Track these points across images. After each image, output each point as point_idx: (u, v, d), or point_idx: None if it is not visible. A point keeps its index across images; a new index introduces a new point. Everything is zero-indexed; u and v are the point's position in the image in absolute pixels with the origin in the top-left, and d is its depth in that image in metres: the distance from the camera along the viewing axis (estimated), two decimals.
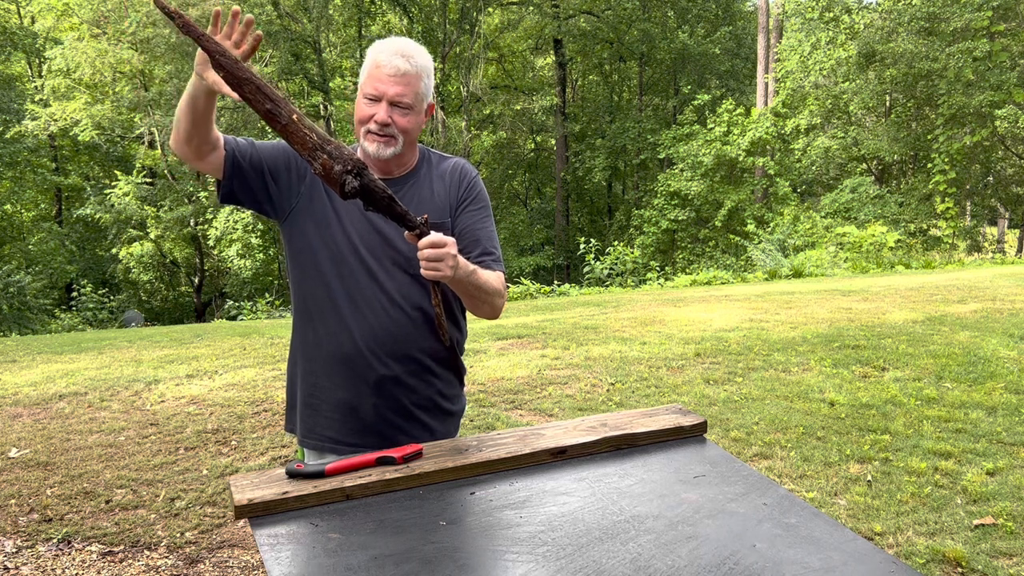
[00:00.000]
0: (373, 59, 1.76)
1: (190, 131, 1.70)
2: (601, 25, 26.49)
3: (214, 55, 1.40)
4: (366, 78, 1.77)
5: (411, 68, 1.75)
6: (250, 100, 1.43)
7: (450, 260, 1.59)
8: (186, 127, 1.69)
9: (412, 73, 1.75)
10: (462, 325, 1.98)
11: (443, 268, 1.59)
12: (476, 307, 1.81)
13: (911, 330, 6.57)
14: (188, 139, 1.71)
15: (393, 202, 1.51)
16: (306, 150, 1.45)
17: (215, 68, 1.42)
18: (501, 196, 29.45)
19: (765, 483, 1.51)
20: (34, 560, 3.11)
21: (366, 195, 1.49)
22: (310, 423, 1.90)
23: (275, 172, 1.84)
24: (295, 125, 1.43)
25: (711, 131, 22.17)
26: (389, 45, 1.77)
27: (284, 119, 1.43)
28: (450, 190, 1.88)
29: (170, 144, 1.79)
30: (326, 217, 1.83)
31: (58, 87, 20.73)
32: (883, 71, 19.40)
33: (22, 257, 21.13)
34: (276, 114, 1.43)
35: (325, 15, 21.52)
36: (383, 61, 1.74)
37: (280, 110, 1.43)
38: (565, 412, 4.71)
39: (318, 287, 1.84)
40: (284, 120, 1.43)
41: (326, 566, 1.22)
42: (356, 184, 1.46)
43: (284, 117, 1.43)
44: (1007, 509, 3.26)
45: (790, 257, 15.42)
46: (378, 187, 1.49)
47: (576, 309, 8.95)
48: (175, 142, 1.75)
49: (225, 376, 5.83)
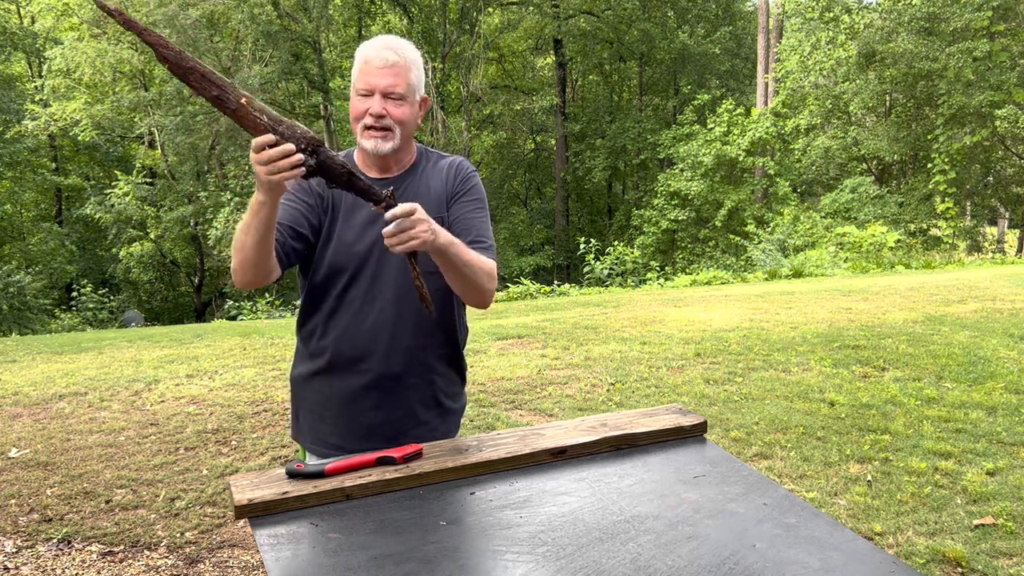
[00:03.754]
0: (362, 57, 1.78)
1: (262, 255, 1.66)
2: (601, 25, 26.49)
3: (157, 47, 1.39)
4: (357, 75, 1.78)
5: (400, 59, 1.76)
6: (197, 88, 1.43)
7: (423, 225, 1.52)
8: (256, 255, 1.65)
9: (401, 64, 1.76)
10: (462, 323, 1.98)
11: (418, 235, 1.51)
12: (464, 288, 1.75)
13: (911, 330, 6.57)
14: (258, 265, 1.68)
15: (353, 177, 1.50)
16: (258, 132, 1.45)
17: (159, 60, 1.42)
18: (501, 196, 29.44)
19: (765, 483, 1.51)
20: (34, 560, 3.11)
21: (324, 172, 1.48)
22: (317, 430, 1.91)
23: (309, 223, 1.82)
24: (244, 109, 1.43)
25: (711, 131, 22.17)
26: (376, 42, 1.79)
27: (233, 104, 1.43)
28: (446, 184, 1.88)
29: (236, 282, 1.74)
30: (335, 221, 1.84)
31: (58, 87, 20.72)
32: (883, 71, 19.40)
33: (22, 257, 21.13)
34: (224, 99, 1.43)
35: (325, 15, 21.50)
36: (372, 56, 1.76)
37: (228, 95, 1.42)
38: (565, 412, 4.70)
39: (322, 289, 1.85)
40: (233, 105, 1.43)
41: (326, 566, 1.22)
42: (312, 162, 1.46)
43: (232, 102, 1.43)
44: (1007, 509, 3.26)
45: (790, 257, 15.41)
46: (336, 163, 1.48)
47: (576, 309, 8.95)
48: (243, 278, 1.70)
49: (225, 376, 5.83)
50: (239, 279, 1.71)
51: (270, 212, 1.58)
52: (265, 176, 1.47)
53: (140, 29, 1.41)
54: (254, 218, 1.59)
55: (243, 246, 1.64)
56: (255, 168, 1.48)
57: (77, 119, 20.38)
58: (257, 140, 1.44)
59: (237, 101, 1.43)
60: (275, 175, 1.46)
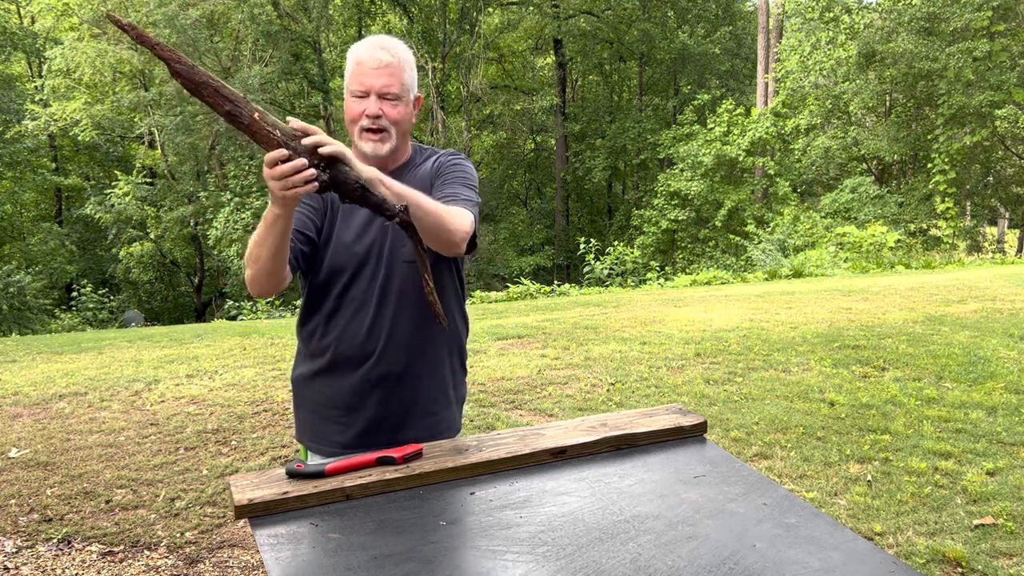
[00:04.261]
0: (355, 58, 1.78)
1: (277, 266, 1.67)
2: (601, 25, 26.50)
3: (170, 62, 1.39)
4: (351, 77, 1.78)
5: (393, 59, 1.76)
6: (210, 103, 1.43)
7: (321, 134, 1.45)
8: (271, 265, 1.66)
9: (395, 63, 1.76)
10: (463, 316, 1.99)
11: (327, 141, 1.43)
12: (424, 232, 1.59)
13: (911, 330, 6.57)
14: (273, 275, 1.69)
15: (366, 192, 1.49)
16: (271, 147, 1.45)
17: (172, 75, 1.42)
18: (501, 196, 29.45)
19: (765, 483, 1.51)
20: (34, 560, 3.11)
21: (337, 187, 1.48)
22: (319, 430, 1.91)
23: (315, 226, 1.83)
24: (257, 124, 1.42)
25: (711, 131, 22.18)
26: (368, 42, 1.79)
27: (246, 119, 1.42)
28: (431, 174, 1.89)
29: (252, 292, 1.74)
30: (333, 222, 1.84)
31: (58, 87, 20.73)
32: (883, 71, 19.40)
33: (22, 257, 21.13)
34: (237, 115, 1.42)
35: (325, 15, 21.51)
36: (365, 57, 1.75)
37: (241, 110, 1.42)
38: (565, 412, 4.70)
39: (323, 289, 1.85)
40: (246, 120, 1.42)
41: (326, 566, 1.22)
42: (326, 177, 1.45)
43: (246, 117, 1.42)
44: (1007, 509, 3.26)
45: (790, 257, 15.41)
46: (349, 178, 1.48)
47: (576, 309, 8.95)
48: (260, 288, 1.71)
49: (225, 376, 5.83)
50: (255, 290, 1.72)
51: (285, 225, 1.59)
52: (279, 191, 1.46)
53: (153, 44, 1.40)
54: (269, 231, 1.60)
55: (258, 258, 1.65)
56: (268, 183, 1.47)
57: (77, 119, 20.39)
58: (269, 155, 1.44)
59: (250, 116, 1.42)
60: (288, 191, 1.45)
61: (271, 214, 1.57)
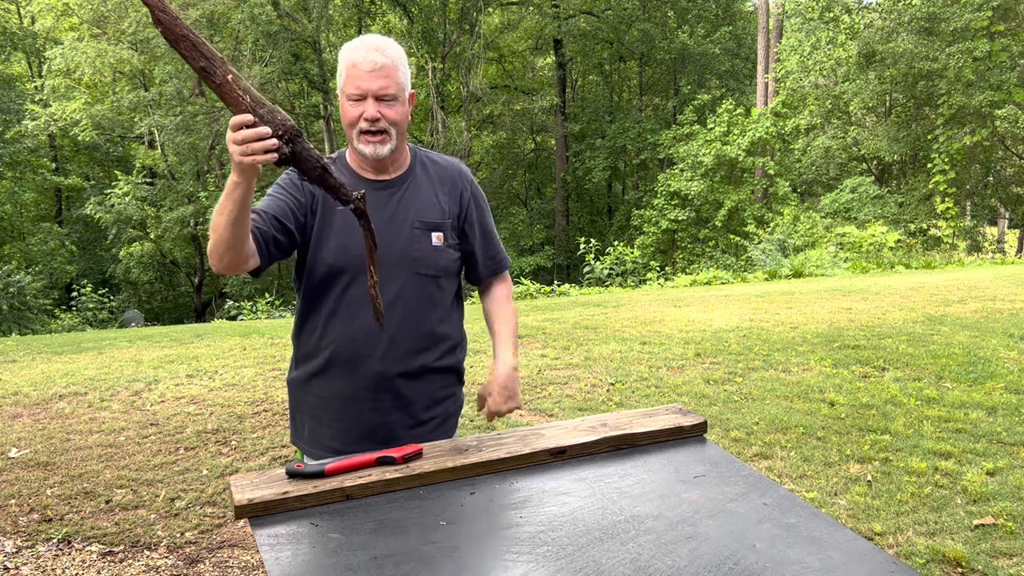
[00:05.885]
0: (348, 60, 1.77)
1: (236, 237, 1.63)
2: (601, 25, 26.49)
3: (155, 9, 1.38)
4: (346, 79, 1.77)
5: (387, 60, 1.75)
6: (186, 57, 1.42)
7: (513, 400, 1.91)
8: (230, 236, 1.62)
9: (390, 64, 1.76)
10: (461, 327, 1.99)
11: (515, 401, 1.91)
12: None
13: (911, 330, 6.57)
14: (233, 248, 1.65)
15: (326, 172, 1.48)
16: (238, 111, 1.43)
17: (154, 23, 1.41)
18: (501, 196, 29.44)
19: (765, 483, 1.51)
20: (34, 560, 3.11)
21: (297, 163, 1.46)
22: (315, 433, 1.91)
23: (295, 218, 1.81)
24: (229, 85, 1.41)
25: (711, 131, 22.16)
26: (360, 43, 1.78)
27: (218, 78, 1.41)
28: (452, 194, 1.92)
29: (212, 265, 1.71)
30: (328, 223, 1.84)
31: (58, 87, 20.74)
32: (883, 71, 19.40)
33: (22, 257, 21.12)
34: (211, 72, 1.40)
35: (325, 15, 21.50)
36: (359, 59, 1.75)
37: (215, 68, 1.40)
38: (565, 412, 4.70)
39: (321, 291, 1.85)
40: (218, 79, 1.41)
41: (326, 566, 1.22)
42: (287, 151, 1.44)
43: (219, 76, 1.41)
44: (1007, 509, 3.26)
45: (790, 257, 15.41)
46: (312, 156, 1.46)
47: (576, 309, 8.94)
48: (220, 261, 1.66)
49: (225, 376, 5.83)
50: (215, 261, 1.68)
51: (244, 193, 1.56)
52: (238, 157, 1.45)
53: None
54: (228, 198, 1.57)
55: (217, 226, 1.62)
56: (229, 147, 1.46)
57: (77, 119, 20.39)
58: (234, 119, 1.43)
59: (223, 76, 1.41)
60: (247, 156, 1.44)
61: (231, 181, 1.56)
